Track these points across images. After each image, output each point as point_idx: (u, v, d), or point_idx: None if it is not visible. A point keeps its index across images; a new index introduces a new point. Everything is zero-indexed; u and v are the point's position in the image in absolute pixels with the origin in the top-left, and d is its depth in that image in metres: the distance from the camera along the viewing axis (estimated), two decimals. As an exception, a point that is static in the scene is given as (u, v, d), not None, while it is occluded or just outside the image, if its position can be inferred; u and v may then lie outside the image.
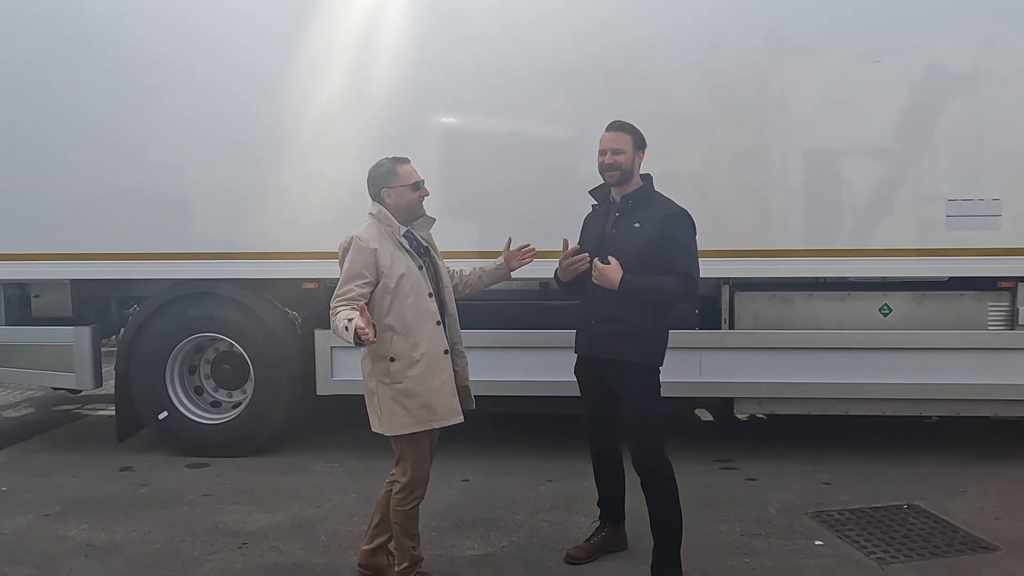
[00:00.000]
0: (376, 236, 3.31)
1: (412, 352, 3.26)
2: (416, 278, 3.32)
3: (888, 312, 5.15)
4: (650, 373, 3.49)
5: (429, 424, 3.29)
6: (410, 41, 5.10)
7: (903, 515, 4.30)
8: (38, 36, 5.31)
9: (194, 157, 5.30)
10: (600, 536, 3.85)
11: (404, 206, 3.39)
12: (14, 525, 4.29)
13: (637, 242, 3.41)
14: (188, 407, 5.56)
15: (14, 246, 5.46)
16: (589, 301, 3.58)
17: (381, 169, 3.43)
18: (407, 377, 3.25)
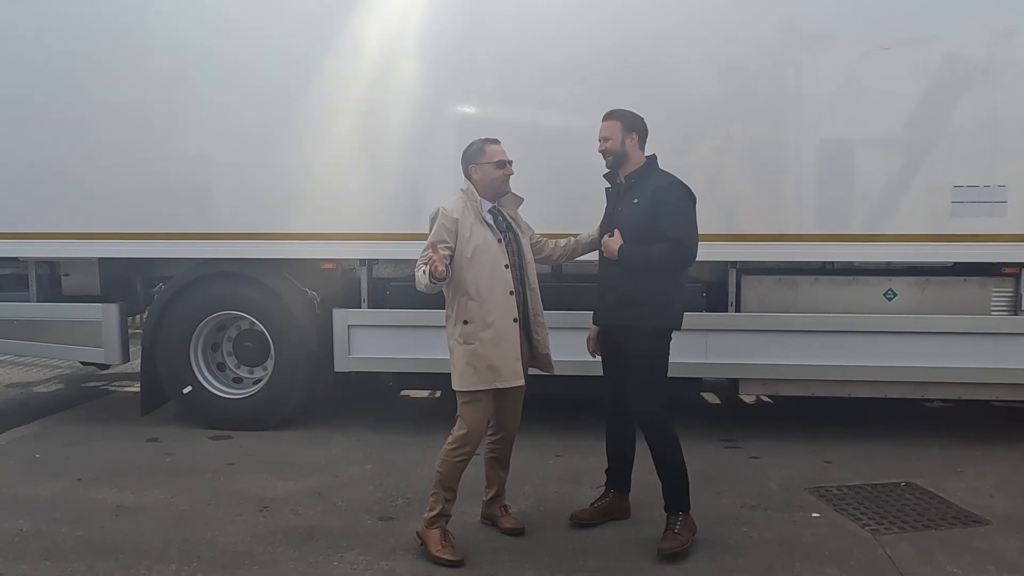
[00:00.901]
0: (460, 208, 3.63)
1: (485, 317, 3.54)
2: (493, 251, 3.59)
3: (893, 297, 5.26)
4: (656, 336, 3.69)
5: (493, 384, 3.56)
6: (432, 35, 5.26)
7: (900, 491, 4.43)
8: (71, 24, 5.50)
9: (220, 142, 5.48)
10: (604, 501, 4.04)
11: (488, 182, 3.67)
12: (49, 488, 4.52)
13: (635, 216, 3.68)
14: (211, 382, 5.77)
15: (45, 225, 5.67)
16: (601, 275, 3.87)
17: (471, 148, 3.74)
18: (478, 339, 3.55)
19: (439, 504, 3.62)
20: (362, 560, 3.60)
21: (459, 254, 3.56)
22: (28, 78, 5.56)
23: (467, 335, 3.57)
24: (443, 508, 3.63)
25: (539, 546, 3.75)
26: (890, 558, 3.60)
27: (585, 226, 4.16)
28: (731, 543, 3.77)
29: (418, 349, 5.41)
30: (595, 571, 3.50)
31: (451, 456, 3.61)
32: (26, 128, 5.59)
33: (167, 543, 3.78)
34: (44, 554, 3.67)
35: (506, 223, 3.75)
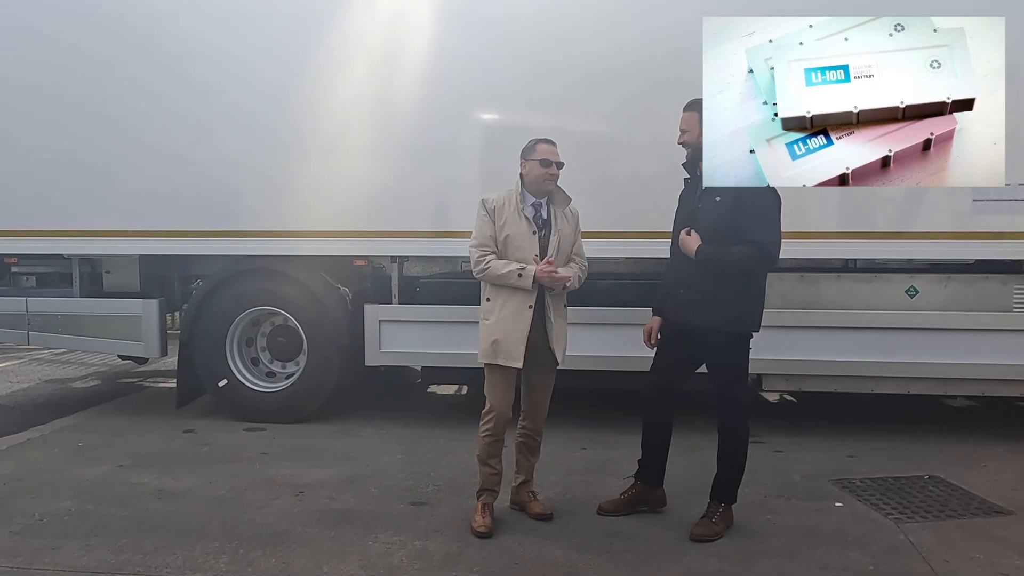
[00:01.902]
0: (503, 198, 3.88)
1: (505, 299, 3.79)
2: (525, 241, 3.82)
3: (915, 294, 5.32)
4: (735, 341, 3.71)
5: (494, 359, 3.79)
6: (458, 46, 5.42)
7: (923, 484, 4.49)
8: (110, 33, 5.71)
9: (254, 144, 5.66)
10: (630, 493, 4.06)
11: (533, 178, 3.87)
12: (92, 473, 4.70)
13: (715, 214, 3.59)
14: (246, 376, 5.95)
15: (88, 223, 5.88)
16: (677, 270, 3.83)
17: (528, 144, 3.94)
18: (492, 316, 3.81)
19: (480, 478, 3.91)
20: (395, 540, 3.73)
21: (495, 237, 3.84)
22: (69, 83, 5.77)
23: (485, 311, 3.86)
24: (482, 482, 3.89)
25: (566, 529, 3.86)
26: (912, 544, 3.67)
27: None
28: (754, 529, 3.86)
29: (447, 344, 5.56)
30: (622, 552, 3.60)
31: (480, 432, 3.86)
32: (70, 131, 5.80)
33: (208, 522, 3.93)
34: (93, 532, 3.83)
35: (545, 220, 3.90)
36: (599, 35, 5.29)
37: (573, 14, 5.31)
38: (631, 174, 5.44)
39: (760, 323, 3.78)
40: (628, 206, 5.31)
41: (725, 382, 3.77)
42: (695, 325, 3.71)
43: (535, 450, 4.08)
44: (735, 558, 3.54)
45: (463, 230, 5.50)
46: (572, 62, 5.31)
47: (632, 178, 5.42)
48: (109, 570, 3.43)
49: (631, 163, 5.47)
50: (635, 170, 5.44)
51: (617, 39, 5.26)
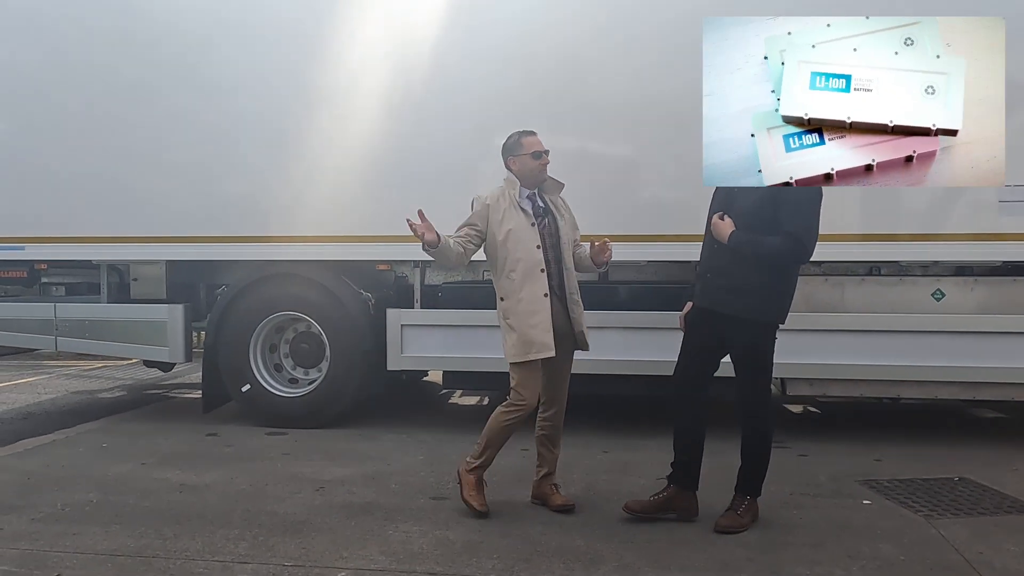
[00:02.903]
0: (497, 196, 3.91)
1: (517, 293, 3.80)
2: (526, 234, 3.84)
3: (941, 297, 5.26)
4: (764, 330, 3.66)
5: (526, 356, 3.76)
6: (482, 76, 5.50)
7: (952, 484, 4.39)
8: (136, 49, 5.86)
9: (278, 151, 5.76)
10: (662, 496, 3.84)
11: (526, 172, 3.91)
12: (116, 470, 4.72)
13: (751, 201, 3.55)
14: (269, 381, 5.97)
15: (115, 230, 5.98)
16: (707, 255, 3.80)
17: (509, 140, 4.00)
18: (513, 314, 3.80)
19: (482, 457, 3.91)
20: (416, 530, 3.70)
21: (492, 236, 3.86)
22: (102, 104, 5.92)
23: (505, 311, 3.85)
24: (484, 459, 3.91)
25: (588, 521, 3.82)
26: (944, 537, 3.59)
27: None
28: (781, 523, 3.78)
29: (468, 348, 5.56)
30: (645, 544, 3.55)
31: (504, 419, 3.84)
32: (100, 146, 5.94)
33: (229, 513, 3.93)
34: (114, 520, 3.85)
35: (544, 208, 3.94)
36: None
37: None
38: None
39: (787, 314, 3.72)
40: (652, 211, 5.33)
41: (749, 372, 3.72)
42: (721, 312, 3.66)
43: (557, 441, 4.06)
44: (762, 547, 3.48)
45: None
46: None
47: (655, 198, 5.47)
48: (129, 553, 3.44)
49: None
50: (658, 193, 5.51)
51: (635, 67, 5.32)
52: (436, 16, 5.56)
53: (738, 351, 3.72)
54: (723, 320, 3.67)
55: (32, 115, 6.08)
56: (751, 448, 3.77)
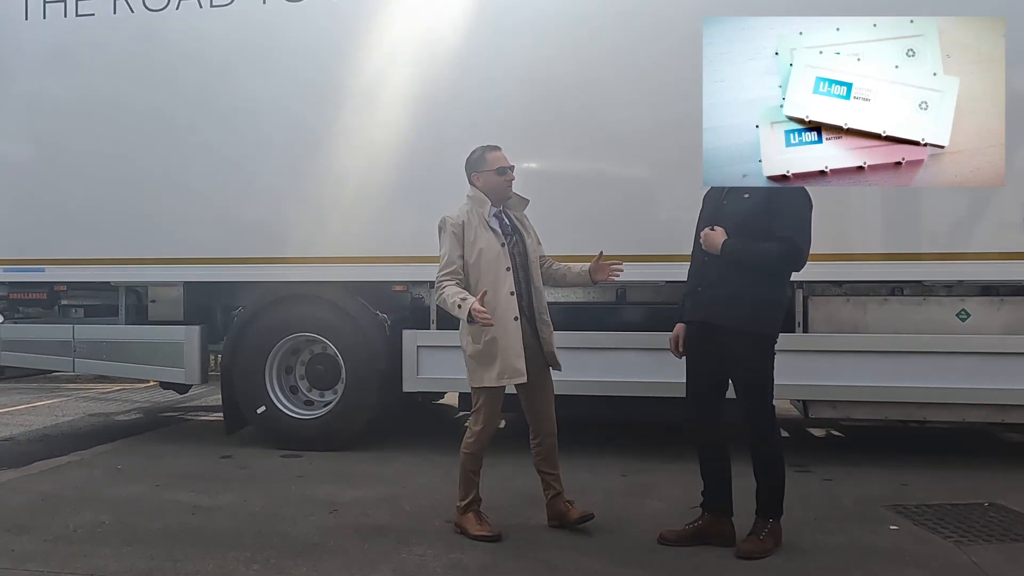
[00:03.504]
0: (464, 215, 3.78)
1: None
2: (496, 254, 3.72)
3: (966, 317, 5.14)
4: (760, 342, 3.55)
5: (497, 381, 3.69)
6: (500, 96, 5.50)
7: (983, 510, 4.25)
8: (158, 78, 5.94)
9: (293, 177, 5.77)
10: (695, 524, 3.72)
11: (492, 189, 3.83)
12: (130, 491, 4.69)
13: (743, 210, 3.52)
14: (284, 403, 5.94)
15: (134, 252, 6.01)
16: (697, 268, 3.71)
17: (473, 156, 3.91)
18: (481, 338, 3.68)
19: (469, 492, 3.84)
20: (430, 553, 3.63)
21: (464, 259, 3.74)
22: (117, 124, 5.99)
23: (473, 334, 3.71)
24: (471, 495, 3.84)
25: (606, 544, 3.73)
26: (976, 564, 3.46)
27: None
28: (804, 548, 3.67)
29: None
30: (663, 565, 3.46)
31: (468, 449, 3.81)
32: (119, 174, 6.00)
33: (241, 535, 3.88)
34: (126, 541, 3.81)
35: (511, 226, 3.86)
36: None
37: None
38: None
39: (780, 327, 3.64)
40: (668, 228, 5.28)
41: (748, 388, 3.59)
42: (713, 323, 3.57)
43: (555, 462, 3.95)
44: (786, 573, 3.37)
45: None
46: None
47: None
48: (139, 575, 3.39)
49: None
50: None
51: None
52: (454, 39, 5.57)
53: (736, 365, 3.60)
54: (719, 333, 3.57)
55: (54, 141, 6.16)
56: (763, 466, 3.64)
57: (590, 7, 5.38)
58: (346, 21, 5.70)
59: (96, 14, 6.05)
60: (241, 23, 5.82)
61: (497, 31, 5.49)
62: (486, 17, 5.50)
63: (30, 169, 6.23)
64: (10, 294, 6.42)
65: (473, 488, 3.85)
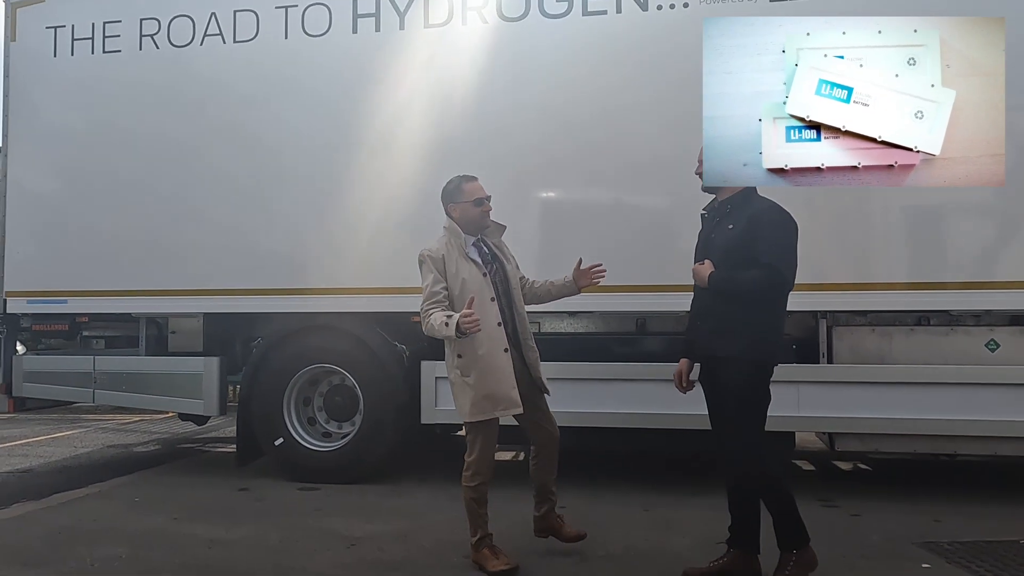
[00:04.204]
0: (444, 247, 3.77)
1: (476, 350, 3.64)
2: (479, 285, 3.70)
3: (995, 347, 5.03)
4: (751, 370, 3.46)
5: (491, 413, 3.66)
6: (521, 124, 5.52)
7: (1019, 548, 4.12)
8: (178, 109, 6.03)
9: (311, 211, 5.80)
10: (720, 561, 3.63)
11: (468, 219, 3.80)
12: (147, 524, 4.66)
13: (727, 242, 3.52)
14: (302, 435, 5.91)
15: (155, 284, 6.05)
16: (694, 304, 3.72)
17: (449, 186, 3.90)
18: (472, 371, 3.65)
19: (479, 528, 3.77)
20: (448, 589, 3.56)
21: (448, 290, 3.70)
22: (141, 156, 6.08)
23: (463, 367, 3.68)
24: (482, 529, 3.77)
25: (629, 582, 3.64)
26: (1013, 604, 3.34)
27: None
28: (834, 586, 3.57)
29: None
30: (689, 605, 3.36)
31: (469, 483, 3.74)
32: (143, 208, 6.08)
33: (258, 569, 3.84)
34: (142, 574, 3.76)
35: (491, 254, 3.84)
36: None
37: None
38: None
39: (779, 354, 3.57)
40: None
41: (739, 414, 3.46)
42: (712, 355, 3.55)
43: (555, 467, 3.94)
44: (814, 612, 3.27)
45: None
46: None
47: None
48: (156, 610, 3.35)
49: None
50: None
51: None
52: (476, 69, 5.61)
53: (726, 392, 3.49)
54: (714, 365, 3.56)
55: (78, 175, 6.24)
56: (766, 497, 3.52)
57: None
58: (363, 59, 5.76)
59: (122, 51, 6.17)
60: (263, 58, 5.89)
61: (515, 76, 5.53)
62: (503, 60, 5.55)
63: (55, 203, 6.31)
64: (33, 326, 6.49)
65: (482, 522, 3.78)
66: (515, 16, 5.55)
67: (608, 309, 5.51)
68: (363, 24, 5.80)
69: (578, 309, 5.51)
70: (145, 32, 6.14)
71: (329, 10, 5.84)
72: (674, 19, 5.28)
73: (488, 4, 5.59)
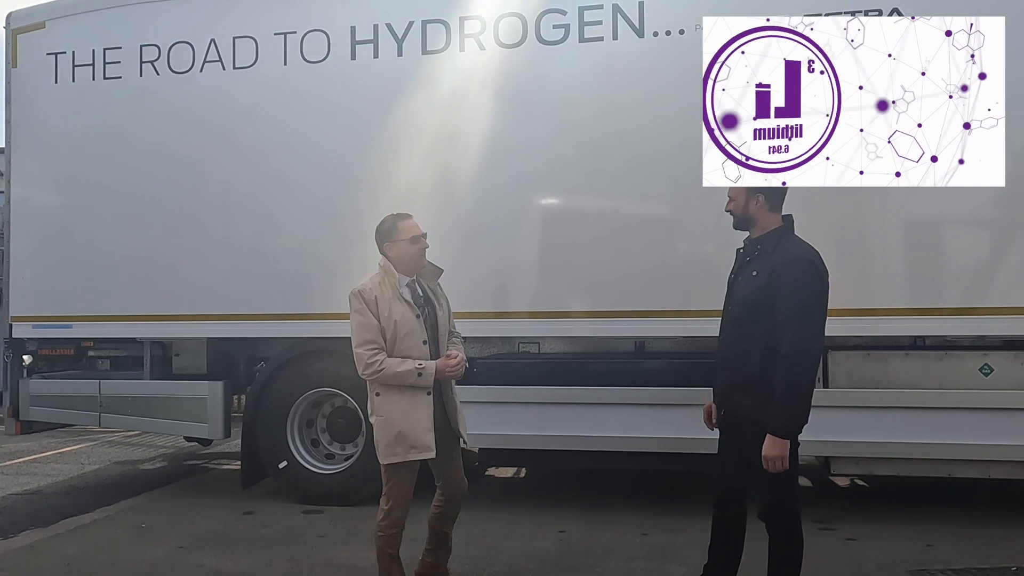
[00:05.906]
0: (377, 286, 3.64)
1: (398, 390, 3.58)
2: (411, 327, 3.62)
3: (989, 372, 5.09)
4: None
5: (405, 456, 3.59)
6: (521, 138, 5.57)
7: (1012, 575, 4.19)
8: (180, 123, 6.08)
9: (317, 234, 5.86)
10: None
11: (404, 259, 3.68)
12: (154, 554, 4.75)
13: (749, 292, 3.36)
14: (305, 457, 5.99)
15: (158, 308, 6.12)
16: (720, 347, 3.56)
17: (383, 225, 3.75)
18: (392, 411, 3.59)
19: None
20: (449, 625, 3.63)
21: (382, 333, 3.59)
22: (145, 179, 6.13)
23: (379, 407, 3.62)
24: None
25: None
26: (1002, 640, 3.41)
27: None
28: (827, 620, 3.64)
29: (504, 425, 5.50)
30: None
31: (383, 532, 3.73)
32: (144, 225, 6.13)
33: (264, 605, 3.92)
34: (150, 612, 3.85)
35: (424, 296, 3.74)
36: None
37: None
38: (688, 253, 5.47)
39: (808, 416, 3.27)
40: (685, 284, 5.29)
41: (769, 485, 3.27)
42: (732, 413, 3.44)
43: (454, 518, 3.98)
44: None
45: (522, 310, 5.63)
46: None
47: (689, 257, 5.44)
48: (164, 651, 3.43)
49: (687, 243, 5.50)
50: (691, 249, 5.46)
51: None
52: (473, 95, 5.66)
53: (757, 457, 3.24)
54: (743, 425, 3.40)
55: (82, 200, 6.31)
56: (780, 560, 3.40)
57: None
58: (366, 86, 5.82)
59: (123, 77, 6.22)
60: (262, 86, 5.94)
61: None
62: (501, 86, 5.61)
63: (59, 228, 6.37)
64: (39, 350, 6.57)
65: (395, 569, 3.72)
66: (512, 43, 5.60)
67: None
68: (361, 50, 5.84)
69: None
70: (145, 58, 6.18)
71: (328, 36, 5.88)
72: (671, 46, 5.32)
73: (486, 31, 5.64)
